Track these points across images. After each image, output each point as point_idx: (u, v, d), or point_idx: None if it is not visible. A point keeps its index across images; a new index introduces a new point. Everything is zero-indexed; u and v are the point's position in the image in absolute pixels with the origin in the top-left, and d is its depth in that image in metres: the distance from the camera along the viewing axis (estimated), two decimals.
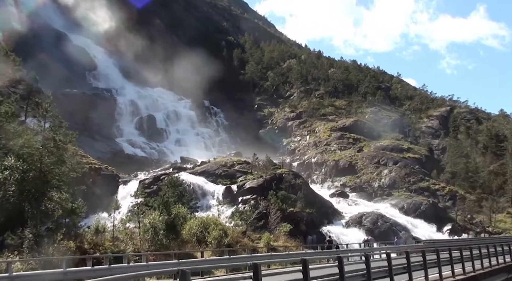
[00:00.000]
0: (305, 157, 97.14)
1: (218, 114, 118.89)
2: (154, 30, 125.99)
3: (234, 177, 66.06)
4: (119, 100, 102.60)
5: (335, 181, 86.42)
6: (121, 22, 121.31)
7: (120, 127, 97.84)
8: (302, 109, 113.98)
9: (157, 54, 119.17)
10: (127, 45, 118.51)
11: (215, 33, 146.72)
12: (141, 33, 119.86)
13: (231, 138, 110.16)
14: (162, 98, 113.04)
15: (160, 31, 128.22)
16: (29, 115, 43.17)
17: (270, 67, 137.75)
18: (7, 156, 28.49)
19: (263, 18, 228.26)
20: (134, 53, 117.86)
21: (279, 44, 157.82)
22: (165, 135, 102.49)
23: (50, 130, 33.22)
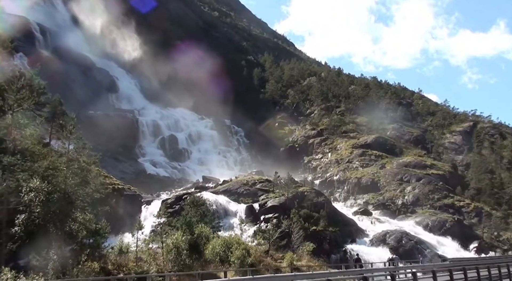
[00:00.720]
0: (327, 174, 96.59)
1: (239, 133, 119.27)
2: (174, 51, 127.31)
3: (256, 195, 65.94)
4: (142, 121, 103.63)
5: (357, 199, 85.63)
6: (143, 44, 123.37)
7: (143, 147, 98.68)
8: (323, 127, 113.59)
9: (178, 75, 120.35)
10: (149, 66, 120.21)
11: (235, 53, 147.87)
12: (162, 55, 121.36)
13: (252, 157, 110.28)
14: (183, 119, 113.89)
15: (181, 51, 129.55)
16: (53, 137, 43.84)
17: (290, 85, 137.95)
18: (32, 178, 28.87)
19: (283, 37, 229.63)
20: (155, 74, 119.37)
21: (298, 62, 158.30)
22: (187, 155, 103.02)
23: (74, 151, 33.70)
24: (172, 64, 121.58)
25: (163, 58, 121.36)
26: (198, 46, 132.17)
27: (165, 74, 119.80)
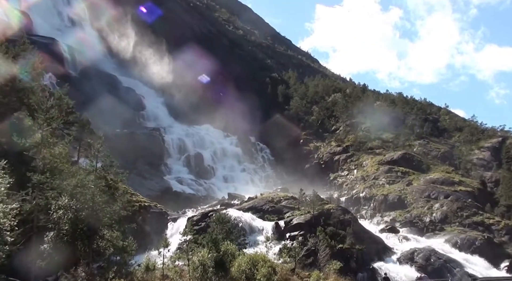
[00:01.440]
0: (353, 191, 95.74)
1: (264, 150, 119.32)
2: (200, 69, 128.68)
3: (281, 212, 65.69)
4: (167, 138, 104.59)
5: (384, 216, 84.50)
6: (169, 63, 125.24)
7: (169, 165, 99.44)
8: (349, 143, 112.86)
9: (203, 93, 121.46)
10: (175, 85, 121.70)
11: (260, 70, 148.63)
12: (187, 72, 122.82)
13: (277, 174, 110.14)
14: (209, 136, 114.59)
15: (206, 68, 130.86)
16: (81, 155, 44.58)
17: (315, 101, 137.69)
18: (61, 196, 29.37)
19: (307, 54, 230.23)
20: (181, 93, 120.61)
21: (323, 78, 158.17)
22: (212, 172, 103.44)
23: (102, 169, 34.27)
24: (197, 83, 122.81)
25: (188, 76, 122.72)
26: (223, 65, 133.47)
27: (190, 93, 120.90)
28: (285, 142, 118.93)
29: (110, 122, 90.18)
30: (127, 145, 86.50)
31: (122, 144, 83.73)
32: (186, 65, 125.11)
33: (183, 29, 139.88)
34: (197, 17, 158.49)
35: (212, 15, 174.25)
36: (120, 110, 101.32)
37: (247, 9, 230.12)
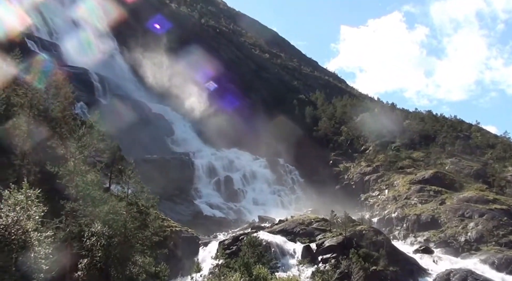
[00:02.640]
0: (384, 212, 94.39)
1: (293, 172, 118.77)
2: (228, 93, 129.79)
3: (312, 235, 65.18)
4: (197, 163, 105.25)
5: (418, 236, 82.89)
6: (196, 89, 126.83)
7: (199, 189, 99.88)
8: (379, 163, 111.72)
9: (231, 116, 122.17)
10: (202, 109, 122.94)
11: (287, 92, 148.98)
12: (215, 97, 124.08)
13: (307, 196, 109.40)
14: (238, 159, 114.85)
15: (234, 93, 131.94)
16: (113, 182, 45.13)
17: (343, 122, 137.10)
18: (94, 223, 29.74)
19: (333, 75, 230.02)
20: (209, 117, 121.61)
21: (351, 98, 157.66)
22: (242, 195, 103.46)
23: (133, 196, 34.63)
24: (225, 107, 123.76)
25: (217, 100, 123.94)
26: (250, 88, 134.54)
27: (218, 117, 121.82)
28: (314, 163, 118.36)
29: (140, 148, 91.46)
30: (157, 170, 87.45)
31: (152, 169, 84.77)
32: (214, 90, 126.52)
33: (210, 55, 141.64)
34: (223, 42, 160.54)
35: (238, 40, 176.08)
36: (150, 136, 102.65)
37: (272, 33, 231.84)
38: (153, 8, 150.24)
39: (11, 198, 25.44)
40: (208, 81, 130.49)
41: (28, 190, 25.99)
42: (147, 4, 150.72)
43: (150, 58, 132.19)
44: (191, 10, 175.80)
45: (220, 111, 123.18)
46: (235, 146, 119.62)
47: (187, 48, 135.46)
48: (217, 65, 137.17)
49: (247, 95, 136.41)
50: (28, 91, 42.36)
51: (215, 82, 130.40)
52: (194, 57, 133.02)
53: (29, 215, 24.89)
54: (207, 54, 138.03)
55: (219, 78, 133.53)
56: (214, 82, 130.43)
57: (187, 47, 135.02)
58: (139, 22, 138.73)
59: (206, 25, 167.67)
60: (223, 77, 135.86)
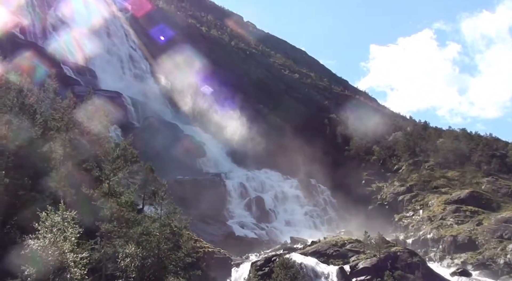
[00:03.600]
0: (419, 232, 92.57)
1: (325, 192, 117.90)
2: (258, 114, 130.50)
3: (346, 256, 64.37)
4: (228, 183, 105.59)
5: (454, 258, 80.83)
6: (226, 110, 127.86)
7: (230, 210, 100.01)
8: (413, 183, 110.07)
9: (262, 137, 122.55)
10: (233, 129, 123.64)
11: (318, 112, 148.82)
12: (245, 117, 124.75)
13: (340, 216, 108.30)
14: (269, 179, 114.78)
15: (263, 115, 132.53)
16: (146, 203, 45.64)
17: (375, 141, 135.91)
18: (128, 244, 30.08)
19: (364, 94, 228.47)
20: (240, 138, 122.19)
21: (382, 117, 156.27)
22: (274, 216, 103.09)
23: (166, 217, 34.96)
24: (255, 127, 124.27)
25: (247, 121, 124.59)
26: (280, 109, 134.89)
27: (249, 137, 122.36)
28: (347, 183, 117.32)
29: (173, 170, 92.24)
30: (189, 191, 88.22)
31: (184, 190, 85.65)
32: (244, 111, 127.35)
33: (240, 77, 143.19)
34: (253, 64, 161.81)
35: (267, 61, 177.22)
36: (182, 157, 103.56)
37: (301, 53, 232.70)
38: (184, 32, 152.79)
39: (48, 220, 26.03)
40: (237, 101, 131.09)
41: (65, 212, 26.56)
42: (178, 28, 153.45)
43: (182, 80, 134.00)
44: (221, 33, 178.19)
45: (250, 132, 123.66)
46: (266, 166, 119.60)
47: (217, 70, 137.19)
48: (247, 86, 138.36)
49: (278, 116, 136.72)
50: (65, 115, 43.43)
51: (243, 103, 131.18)
52: (224, 80, 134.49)
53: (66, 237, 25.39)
54: (237, 76, 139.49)
55: (250, 99, 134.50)
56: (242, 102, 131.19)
57: (218, 69, 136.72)
58: (171, 45, 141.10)
59: (236, 48, 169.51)
60: (253, 98, 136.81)
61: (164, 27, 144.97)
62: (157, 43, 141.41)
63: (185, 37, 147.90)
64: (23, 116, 40.64)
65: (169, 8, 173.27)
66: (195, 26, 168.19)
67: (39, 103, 46.55)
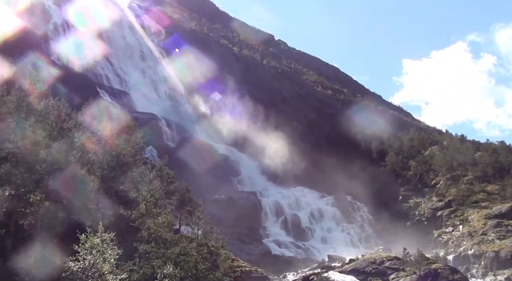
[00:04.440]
0: (460, 249, 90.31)
1: (362, 209, 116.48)
2: (293, 133, 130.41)
3: (385, 274, 63.32)
4: (264, 202, 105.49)
5: (498, 275, 78.39)
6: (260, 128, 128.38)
7: (266, 228, 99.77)
8: (451, 198, 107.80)
9: (296, 154, 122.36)
10: (267, 148, 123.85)
11: (351, 127, 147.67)
12: (280, 137, 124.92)
13: (377, 233, 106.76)
14: (304, 197, 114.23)
15: (298, 132, 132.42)
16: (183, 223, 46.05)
17: (411, 156, 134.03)
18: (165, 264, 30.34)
19: (399, 108, 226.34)
20: (274, 156, 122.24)
21: (418, 132, 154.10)
22: (310, 234, 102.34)
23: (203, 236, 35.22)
24: (289, 145, 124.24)
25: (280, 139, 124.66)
26: (313, 125, 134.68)
27: (283, 155, 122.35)
28: (383, 199, 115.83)
29: (208, 189, 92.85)
30: (225, 210, 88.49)
31: (220, 209, 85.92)
32: (276, 128, 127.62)
33: (272, 95, 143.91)
34: (285, 81, 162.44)
35: (300, 78, 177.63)
36: (217, 176, 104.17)
37: (334, 69, 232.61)
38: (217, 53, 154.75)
39: (87, 242, 26.57)
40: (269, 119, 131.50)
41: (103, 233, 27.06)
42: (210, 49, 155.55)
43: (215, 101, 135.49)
44: (253, 52, 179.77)
45: (284, 150, 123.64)
46: (302, 184, 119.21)
47: (251, 89, 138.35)
48: (280, 104, 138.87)
49: (311, 133, 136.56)
50: (101, 138, 44.41)
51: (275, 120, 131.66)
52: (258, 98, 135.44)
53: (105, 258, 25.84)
54: (270, 95, 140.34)
55: (283, 117, 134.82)
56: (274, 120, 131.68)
57: (251, 88, 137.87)
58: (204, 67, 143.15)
59: (268, 66, 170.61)
60: (287, 116, 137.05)
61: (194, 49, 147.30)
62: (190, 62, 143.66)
63: (218, 57, 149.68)
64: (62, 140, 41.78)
65: (202, 29, 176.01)
66: (227, 47, 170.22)
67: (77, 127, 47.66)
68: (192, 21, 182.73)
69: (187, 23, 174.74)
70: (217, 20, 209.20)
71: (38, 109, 44.90)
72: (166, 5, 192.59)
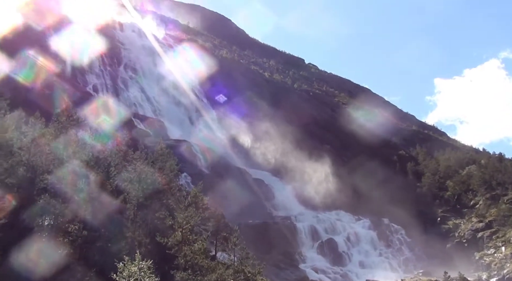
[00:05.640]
0: (503, 271, 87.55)
1: (399, 232, 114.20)
2: (325, 154, 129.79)
3: None
4: (299, 226, 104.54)
5: None
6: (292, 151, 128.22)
7: (302, 253, 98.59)
8: (492, 218, 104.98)
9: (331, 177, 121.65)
10: (301, 172, 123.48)
11: (385, 149, 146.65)
12: (313, 160, 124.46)
13: (416, 256, 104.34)
14: (340, 220, 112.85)
15: (331, 153, 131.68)
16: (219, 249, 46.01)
17: (448, 176, 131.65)
18: None
19: (433, 128, 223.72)
20: (309, 180, 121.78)
21: (454, 151, 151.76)
22: (348, 258, 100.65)
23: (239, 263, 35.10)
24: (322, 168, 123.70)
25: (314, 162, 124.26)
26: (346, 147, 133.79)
27: (317, 179, 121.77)
28: (421, 221, 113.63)
29: (243, 214, 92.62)
30: (260, 235, 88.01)
31: (255, 234, 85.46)
32: (310, 152, 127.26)
33: (304, 118, 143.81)
34: (316, 104, 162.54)
35: (332, 101, 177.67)
36: (251, 201, 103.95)
37: (365, 91, 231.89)
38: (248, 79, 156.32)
39: (125, 270, 26.80)
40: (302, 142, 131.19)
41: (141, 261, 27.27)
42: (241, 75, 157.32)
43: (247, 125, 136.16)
44: (283, 77, 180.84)
45: (318, 173, 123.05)
46: (336, 207, 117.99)
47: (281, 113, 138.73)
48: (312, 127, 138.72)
49: (344, 155, 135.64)
50: (137, 166, 45.02)
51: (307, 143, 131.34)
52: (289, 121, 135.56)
53: None
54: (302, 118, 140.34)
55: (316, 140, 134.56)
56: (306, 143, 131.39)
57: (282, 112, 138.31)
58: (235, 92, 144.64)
59: (299, 90, 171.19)
60: (320, 139, 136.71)
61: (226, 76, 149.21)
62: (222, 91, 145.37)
63: (249, 83, 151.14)
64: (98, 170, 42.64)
65: (233, 56, 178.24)
66: (258, 72, 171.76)
67: (113, 157, 48.54)
68: (223, 48, 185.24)
69: (218, 51, 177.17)
70: (247, 46, 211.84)
71: (75, 140, 45.97)
72: (198, 35, 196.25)
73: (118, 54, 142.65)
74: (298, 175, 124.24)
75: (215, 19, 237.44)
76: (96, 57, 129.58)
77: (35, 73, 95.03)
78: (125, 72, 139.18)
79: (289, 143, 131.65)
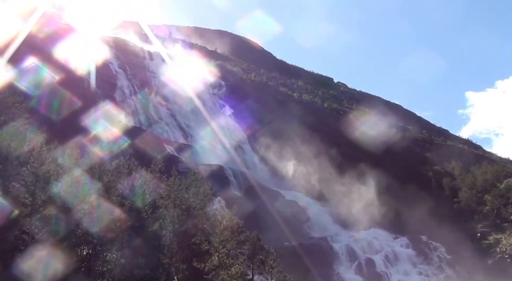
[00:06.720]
0: None
1: (439, 249, 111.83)
2: (361, 174, 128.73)
3: None
4: (335, 247, 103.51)
5: None
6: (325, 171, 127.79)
7: (340, 274, 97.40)
8: None
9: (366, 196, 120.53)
10: (335, 192, 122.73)
11: (420, 165, 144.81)
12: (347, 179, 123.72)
13: (458, 274, 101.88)
14: (377, 239, 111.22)
15: (366, 174, 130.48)
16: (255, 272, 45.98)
17: (486, 190, 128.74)
18: None
19: (468, 142, 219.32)
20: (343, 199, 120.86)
21: (490, 165, 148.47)
22: (387, 278, 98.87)
23: None
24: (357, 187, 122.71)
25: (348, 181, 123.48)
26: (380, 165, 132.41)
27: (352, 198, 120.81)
28: (461, 237, 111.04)
29: (279, 236, 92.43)
30: (297, 257, 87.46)
31: (292, 256, 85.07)
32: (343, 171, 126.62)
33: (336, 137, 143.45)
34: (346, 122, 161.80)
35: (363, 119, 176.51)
36: (286, 223, 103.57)
37: (397, 107, 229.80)
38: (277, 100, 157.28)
39: None
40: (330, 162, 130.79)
41: None
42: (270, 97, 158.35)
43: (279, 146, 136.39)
44: (313, 96, 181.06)
45: (352, 193, 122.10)
46: (373, 226, 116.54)
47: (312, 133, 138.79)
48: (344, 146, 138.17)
49: (380, 174, 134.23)
50: (171, 192, 45.65)
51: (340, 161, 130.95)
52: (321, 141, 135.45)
53: None
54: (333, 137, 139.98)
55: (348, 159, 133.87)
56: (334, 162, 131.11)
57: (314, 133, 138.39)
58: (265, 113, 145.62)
59: (329, 109, 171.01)
60: (352, 158, 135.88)
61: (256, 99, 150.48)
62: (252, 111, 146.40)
63: (279, 104, 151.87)
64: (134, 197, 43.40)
65: (261, 79, 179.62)
66: (287, 94, 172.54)
67: (147, 184, 49.28)
68: (251, 72, 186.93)
69: (246, 74, 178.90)
70: (274, 69, 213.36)
71: (110, 169, 46.93)
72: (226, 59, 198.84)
73: (149, 83, 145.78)
74: (332, 195, 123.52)
75: (240, 43, 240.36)
76: (126, 86, 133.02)
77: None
78: (156, 100, 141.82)
79: (321, 162, 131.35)
